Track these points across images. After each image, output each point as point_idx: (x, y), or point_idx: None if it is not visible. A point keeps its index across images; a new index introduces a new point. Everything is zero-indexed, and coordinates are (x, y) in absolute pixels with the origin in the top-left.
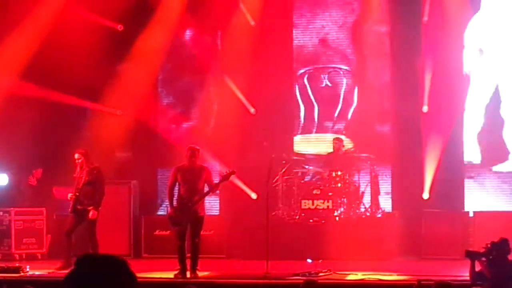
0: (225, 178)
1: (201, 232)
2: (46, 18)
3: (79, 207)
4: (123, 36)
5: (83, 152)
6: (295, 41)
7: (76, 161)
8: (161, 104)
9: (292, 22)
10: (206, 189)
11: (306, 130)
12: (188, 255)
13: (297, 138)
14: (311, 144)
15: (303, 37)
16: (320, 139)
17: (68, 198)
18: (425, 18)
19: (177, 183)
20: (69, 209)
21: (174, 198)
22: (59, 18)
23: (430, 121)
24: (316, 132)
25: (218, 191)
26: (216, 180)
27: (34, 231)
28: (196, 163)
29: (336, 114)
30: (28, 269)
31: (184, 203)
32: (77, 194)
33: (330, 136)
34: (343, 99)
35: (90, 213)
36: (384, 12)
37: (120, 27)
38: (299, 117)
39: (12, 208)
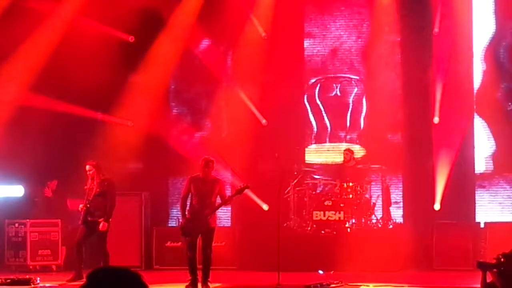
0: (238, 192)
1: (213, 244)
2: (57, 29)
3: (89, 218)
4: (135, 47)
5: (94, 163)
6: (306, 51)
7: (87, 172)
8: (172, 115)
9: (303, 33)
10: (218, 201)
11: (319, 140)
12: (200, 266)
13: (310, 148)
14: (323, 154)
15: (315, 47)
16: (333, 149)
17: (79, 209)
18: (436, 30)
19: (190, 194)
20: (80, 221)
21: (187, 209)
22: (70, 29)
23: (441, 131)
24: (329, 142)
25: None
26: (229, 193)
27: (49, 242)
28: (210, 174)
29: (348, 124)
30: (38, 281)
31: (195, 214)
32: (88, 205)
33: (343, 146)
34: (355, 109)
35: (101, 225)
36: (395, 22)
37: (131, 38)
38: (312, 127)
39: (27, 220)
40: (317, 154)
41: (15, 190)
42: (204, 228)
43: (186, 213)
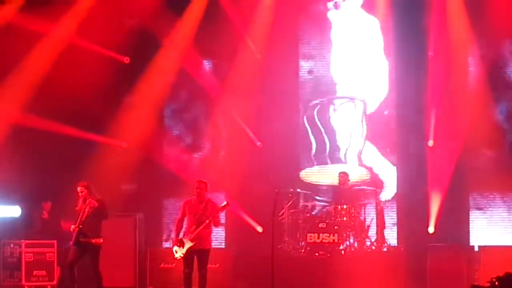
0: (221, 210)
1: (207, 265)
2: (53, 50)
3: (82, 239)
4: (130, 68)
5: (85, 184)
6: (301, 72)
7: (79, 193)
8: (167, 136)
9: (298, 53)
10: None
11: (318, 161)
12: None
13: (307, 171)
14: (320, 175)
15: (310, 68)
16: (328, 171)
17: (71, 230)
18: (431, 53)
19: (185, 216)
20: (71, 242)
21: (183, 230)
22: (65, 50)
23: (436, 154)
24: (327, 164)
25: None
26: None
27: (44, 263)
28: (203, 196)
29: (348, 145)
30: None
31: (185, 234)
32: (81, 226)
33: (339, 168)
34: (352, 130)
35: (94, 240)
36: (389, 44)
37: (126, 60)
38: (310, 149)
39: (23, 240)
40: (317, 176)
41: (11, 210)
42: (198, 249)
43: (181, 235)
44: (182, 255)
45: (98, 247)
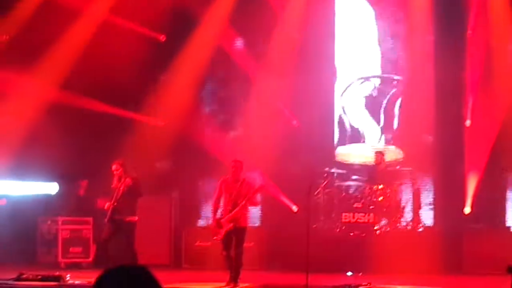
0: (256, 192)
1: (244, 243)
2: (89, 27)
3: (116, 217)
4: (166, 46)
5: (120, 162)
6: (340, 51)
7: (114, 172)
8: (203, 114)
9: (335, 32)
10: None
11: (352, 141)
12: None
13: (344, 149)
14: (357, 154)
15: (348, 47)
16: (365, 150)
17: (105, 207)
18: (470, 32)
19: (222, 196)
20: (106, 219)
21: (220, 210)
22: (102, 28)
23: (473, 134)
24: (362, 143)
25: (256, 204)
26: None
27: (81, 240)
28: (239, 176)
29: (382, 125)
30: (68, 278)
31: (223, 215)
32: (115, 204)
33: (376, 147)
34: (391, 109)
35: (128, 218)
36: (429, 23)
37: (162, 38)
38: (346, 128)
39: (59, 217)
40: (351, 155)
41: (49, 187)
42: (234, 227)
43: (218, 213)
44: (220, 237)
45: (133, 224)
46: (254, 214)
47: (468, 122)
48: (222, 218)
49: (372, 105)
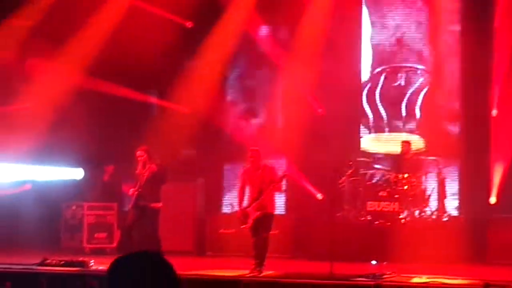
0: (280, 180)
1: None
2: (116, 13)
3: (140, 203)
4: (192, 33)
5: (145, 148)
6: (365, 40)
7: (138, 158)
8: (228, 101)
9: (360, 20)
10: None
11: (377, 129)
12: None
13: (368, 138)
14: (381, 143)
15: (373, 36)
16: (390, 139)
17: (130, 193)
18: (497, 22)
19: (246, 184)
20: (130, 205)
21: (245, 198)
22: (128, 13)
23: (499, 124)
24: (388, 132)
25: (281, 190)
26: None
27: (105, 225)
28: (259, 163)
29: (405, 114)
30: (92, 264)
31: (252, 202)
32: (140, 190)
33: (401, 136)
34: (416, 98)
35: (152, 204)
36: (456, 12)
37: (189, 24)
38: (372, 117)
39: (84, 203)
40: (375, 144)
41: (74, 173)
42: (260, 214)
43: (244, 203)
44: (248, 226)
45: (157, 211)
46: (279, 202)
47: (494, 112)
48: (248, 207)
49: (397, 94)
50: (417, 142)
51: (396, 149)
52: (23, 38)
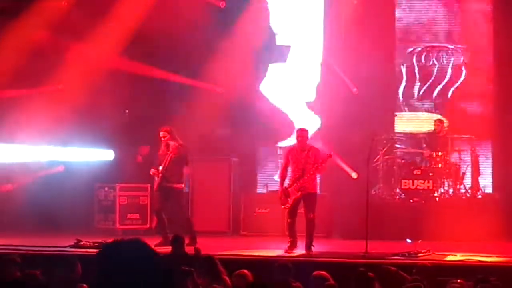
0: (324, 161)
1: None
2: None
3: (165, 184)
4: (226, 13)
5: (168, 129)
6: (403, 20)
7: (162, 138)
8: (262, 81)
9: (394, 0)
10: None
11: (412, 109)
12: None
13: (401, 117)
14: (414, 122)
15: (405, 16)
16: (423, 118)
17: (151, 173)
18: None
19: (289, 164)
20: (154, 187)
21: (288, 178)
22: None
23: None
24: (421, 111)
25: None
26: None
27: (138, 207)
28: (305, 144)
29: (437, 93)
30: None
31: (295, 182)
32: (164, 171)
33: (431, 115)
34: (450, 78)
35: (176, 185)
36: None
37: (222, 4)
38: (402, 96)
39: (117, 184)
40: (408, 123)
41: (106, 154)
42: (303, 195)
43: (287, 181)
44: (288, 206)
45: (181, 192)
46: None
47: None
48: (290, 187)
49: (429, 74)
50: (451, 121)
51: (430, 127)
52: (57, 19)
